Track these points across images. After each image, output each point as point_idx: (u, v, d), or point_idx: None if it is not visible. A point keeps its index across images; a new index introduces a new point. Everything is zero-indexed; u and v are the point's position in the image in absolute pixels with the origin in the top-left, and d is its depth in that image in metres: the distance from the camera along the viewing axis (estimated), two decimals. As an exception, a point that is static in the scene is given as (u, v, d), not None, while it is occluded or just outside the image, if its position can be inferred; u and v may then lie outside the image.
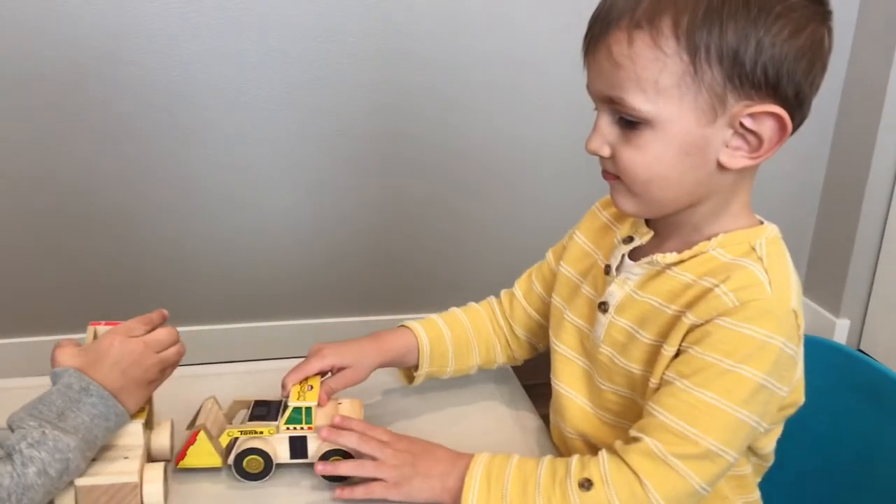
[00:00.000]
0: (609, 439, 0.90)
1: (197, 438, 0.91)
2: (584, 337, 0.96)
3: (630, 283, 0.89)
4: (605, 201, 1.02)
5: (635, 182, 0.82)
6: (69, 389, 0.82)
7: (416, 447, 0.91)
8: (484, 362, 1.12)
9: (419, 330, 1.07)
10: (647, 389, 0.85)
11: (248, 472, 0.92)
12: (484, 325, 1.12)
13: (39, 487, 0.75)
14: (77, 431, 0.79)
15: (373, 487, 0.88)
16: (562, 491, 0.81)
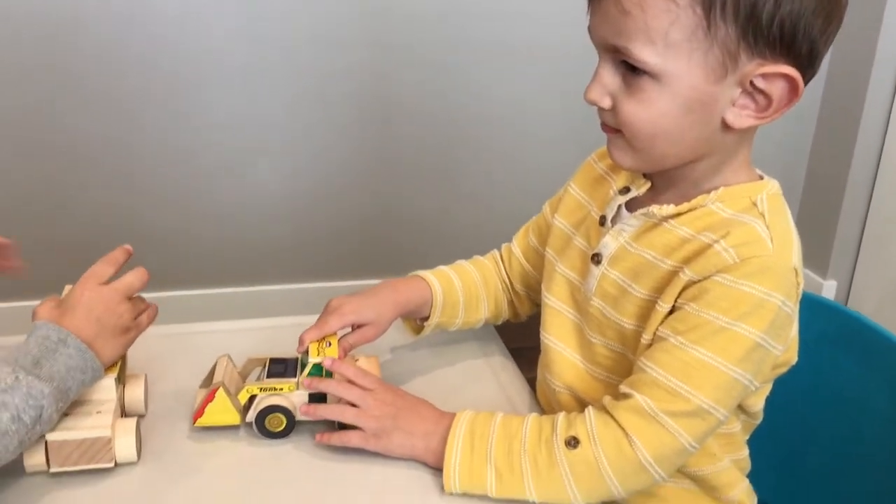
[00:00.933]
0: (598, 395, 0.89)
1: (216, 396, 0.89)
2: (575, 289, 0.94)
3: (625, 234, 0.87)
4: (601, 152, 0.99)
5: (636, 136, 0.79)
6: (46, 340, 0.79)
7: (401, 401, 0.89)
8: (492, 316, 1.09)
9: (433, 280, 1.04)
10: (638, 345, 0.84)
11: (270, 430, 0.91)
12: (492, 279, 1.10)
13: (14, 434, 0.73)
14: (52, 380, 0.77)
15: (350, 436, 0.87)
16: (548, 449, 0.80)
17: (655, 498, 0.90)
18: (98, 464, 0.83)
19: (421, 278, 1.05)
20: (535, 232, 1.07)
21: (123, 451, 0.84)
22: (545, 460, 0.80)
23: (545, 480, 0.80)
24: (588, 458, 0.79)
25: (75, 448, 0.82)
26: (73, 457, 0.82)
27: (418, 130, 2.32)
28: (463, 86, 2.28)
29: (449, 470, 0.82)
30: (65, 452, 0.82)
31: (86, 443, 0.82)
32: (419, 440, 0.86)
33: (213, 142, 2.22)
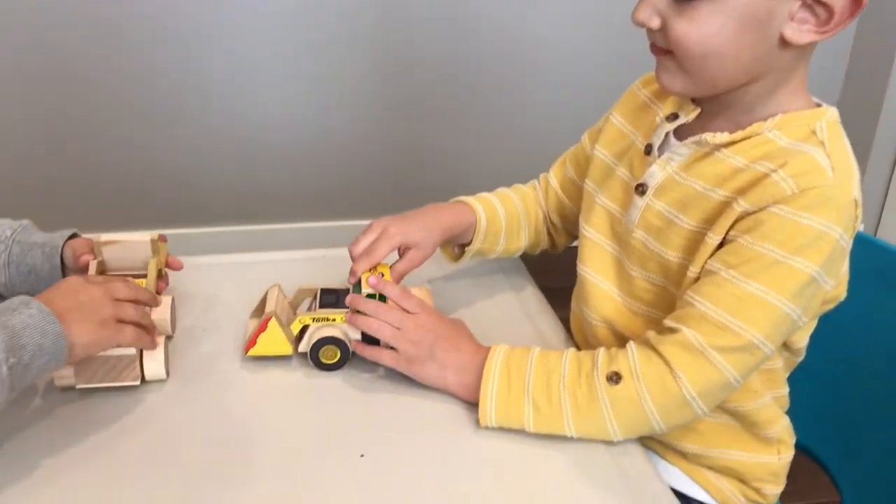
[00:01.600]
0: (636, 329, 0.87)
1: (268, 326, 0.88)
2: (615, 221, 0.91)
3: (673, 164, 0.83)
4: (645, 78, 0.95)
5: (688, 58, 0.75)
6: (10, 303, 0.73)
7: (441, 329, 0.87)
8: (531, 244, 1.07)
9: (477, 206, 1.02)
10: (683, 279, 0.81)
11: (324, 362, 0.90)
12: (533, 207, 1.07)
13: None
14: (3, 328, 0.69)
15: (383, 354, 0.86)
16: (588, 385, 0.79)
17: (694, 433, 0.88)
18: (124, 381, 0.83)
19: (465, 203, 1.02)
20: (572, 163, 1.04)
21: (152, 370, 0.85)
22: (585, 396, 0.78)
23: (585, 415, 0.78)
24: (630, 393, 0.77)
25: (101, 365, 0.82)
26: (99, 374, 0.82)
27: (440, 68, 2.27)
28: (488, 21, 2.22)
29: (485, 404, 0.80)
30: (91, 369, 0.82)
31: (111, 360, 0.82)
32: (451, 374, 0.85)
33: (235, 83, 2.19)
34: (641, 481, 0.77)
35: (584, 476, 0.77)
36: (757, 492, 0.90)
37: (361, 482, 0.76)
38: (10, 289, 0.93)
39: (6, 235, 0.94)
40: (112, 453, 0.78)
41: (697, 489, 0.91)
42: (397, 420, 0.84)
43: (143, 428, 0.82)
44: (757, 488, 0.90)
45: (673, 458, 0.91)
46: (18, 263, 0.93)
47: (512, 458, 0.79)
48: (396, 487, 0.75)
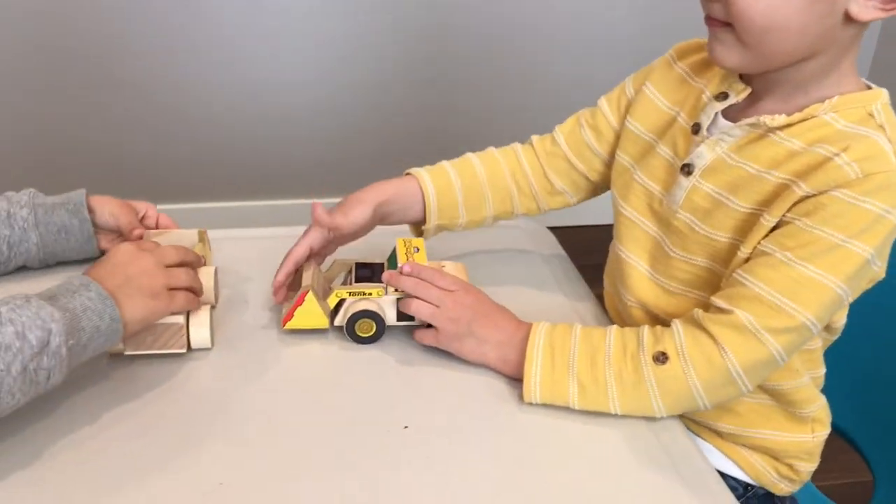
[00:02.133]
0: (672, 309, 0.88)
1: (305, 299, 0.88)
2: (655, 201, 0.90)
3: (724, 145, 0.83)
4: (680, 49, 0.93)
5: (750, 31, 0.74)
6: (69, 283, 0.75)
7: (479, 305, 0.88)
8: (499, 213, 1.03)
9: (425, 178, 0.99)
10: (733, 259, 0.81)
11: (360, 335, 0.90)
12: (500, 173, 1.02)
13: (17, 352, 0.67)
14: (65, 311, 0.71)
15: (424, 334, 0.87)
16: (634, 364, 0.79)
17: (731, 413, 0.89)
18: (171, 349, 0.85)
19: (413, 175, 0.99)
20: (590, 127, 1.00)
21: (197, 339, 0.86)
22: (631, 375, 0.79)
23: (630, 394, 0.79)
24: (677, 373, 0.78)
25: (149, 332, 0.83)
26: (147, 341, 0.83)
27: (465, 39, 2.26)
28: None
29: (529, 382, 0.81)
30: (140, 337, 0.83)
31: (160, 328, 0.83)
32: (492, 349, 0.85)
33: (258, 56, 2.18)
34: (684, 457, 0.78)
35: (628, 452, 0.78)
36: (790, 468, 0.91)
37: (406, 453, 0.76)
38: (43, 249, 0.94)
39: (24, 200, 0.94)
40: (158, 419, 0.80)
41: (731, 465, 0.92)
42: (438, 393, 0.85)
43: (188, 395, 0.83)
44: (790, 465, 0.91)
45: (707, 435, 0.92)
46: (46, 223, 0.94)
47: (554, 433, 0.80)
48: (440, 459, 0.76)
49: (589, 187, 1.04)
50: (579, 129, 1.01)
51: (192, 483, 0.72)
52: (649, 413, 0.80)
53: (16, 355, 0.67)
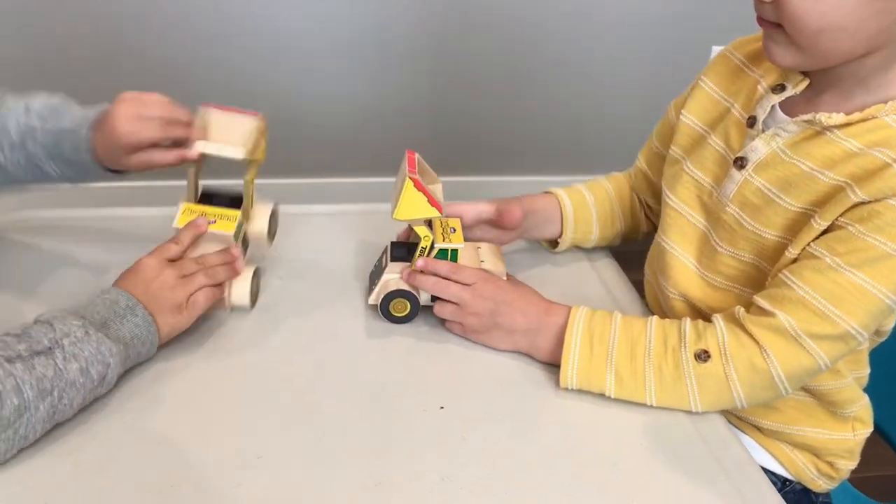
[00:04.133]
0: (714, 303, 0.87)
1: (433, 207, 0.85)
2: (705, 193, 0.89)
3: (779, 140, 0.81)
4: (738, 42, 0.92)
5: (803, 32, 0.72)
6: (115, 304, 0.78)
7: (501, 294, 0.87)
8: (630, 230, 1.06)
9: (562, 195, 1.02)
10: (780, 257, 0.80)
11: (394, 314, 0.91)
12: (626, 191, 1.06)
13: (80, 387, 0.71)
14: (118, 342, 0.75)
15: (452, 327, 0.88)
16: (674, 360, 0.78)
17: (774, 411, 0.89)
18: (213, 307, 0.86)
19: (552, 194, 1.02)
20: (658, 137, 1.01)
21: (238, 295, 0.87)
22: (671, 371, 0.78)
23: (668, 389, 0.79)
24: (718, 372, 0.77)
25: None
26: None
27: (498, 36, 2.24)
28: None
29: (567, 369, 0.81)
30: None
31: None
32: (521, 337, 0.85)
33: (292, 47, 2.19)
34: (722, 447, 0.77)
35: (664, 440, 0.78)
36: (831, 466, 0.91)
37: (441, 433, 0.77)
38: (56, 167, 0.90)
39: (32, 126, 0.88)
40: (195, 376, 0.82)
41: (770, 460, 0.91)
42: (472, 375, 0.85)
43: (226, 355, 0.85)
44: (831, 462, 0.91)
45: (748, 430, 0.91)
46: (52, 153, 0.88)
47: (590, 417, 0.80)
48: (475, 440, 0.76)
49: None
50: (651, 143, 1.03)
51: (232, 455, 0.73)
52: (685, 408, 0.79)
53: (79, 391, 0.71)
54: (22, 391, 0.66)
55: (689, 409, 0.79)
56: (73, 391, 0.70)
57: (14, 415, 0.66)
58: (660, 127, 1.02)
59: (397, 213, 0.85)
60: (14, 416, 0.66)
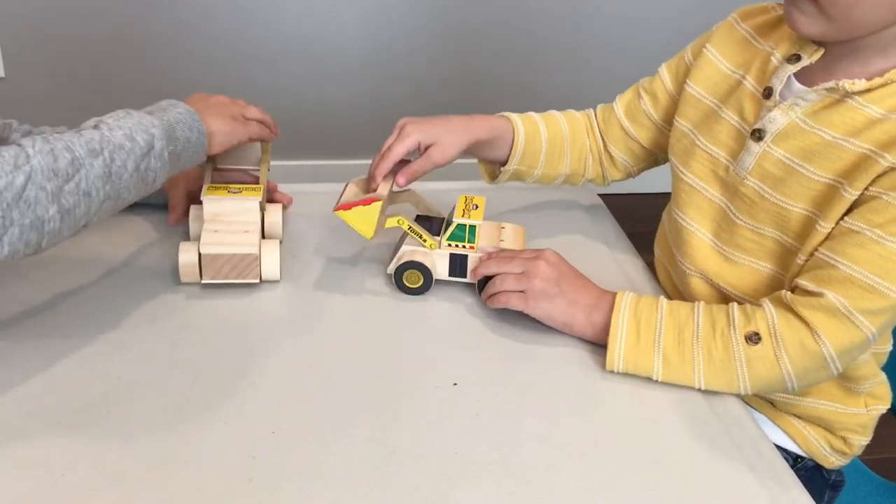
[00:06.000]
0: (733, 279, 0.86)
1: (371, 204, 0.88)
2: (720, 167, 0.88)
3: (798, 109, 0.80)
4: (743, 12, 0.91)
5: (837, 4, 0.71)
6: (158, 104, 0.82)
7: (565, 267, 0.87)
8: (572, 173, 1.04)
9: (517, 120, 0.99)
10: (807, 231, 0.79)
11: (407, 285, 0.91)
12: (580, 133, 1.04)
13: (129, 151, 0.74)
14: (161, 118, 0.78)
15: (511, 297, 0.86)
16: (724, 342, 0.78)
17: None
18: (245, 279, 0.88)
19: (505, 117, 0.99)
20: (648, 95, 0.99)
21: (269, 268, 0.89)
22: (721, 353, 0.78)
23: (718, 371, 0.78)
24: (768, 354, 0.77)
25: (226, 262, 0.86)
26: (224, 270, 0.86)
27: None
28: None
29: (613, 353, 0.80)
30: (217, 265, 0.86)
31: (236, 258, 0.86)
32: (580, 311, 0.84)
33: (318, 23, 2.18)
34: (736, 425, 0.77)
35: (678, 418, 0.77)
36: (843, 441, 0.90)
37: (455, 409, 0.77)
38: None
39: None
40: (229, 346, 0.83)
41: (783, 436, 0.91)
42: (486, 350, 0.85)
43: (256, 325, 0.87)
44: (844, 437, 0.90)
45: (759, 405, 0.91)
46: None
47: (601, 394, 0.80)
48: (487, 416, 0.76)
49: (647, 156, 1.03)
50: (637, 98, 1.01)
51: (247, 428, 0.73)
52: (734, 390, 0.79)
53: (129, 154, 0.74)
54: (73, 149, 0.70)
55: (738, 392, 0.79)
56: (123, 154, 0.74)
57: (70, 168, 0.69)
58: (649, 86, 1.00)
59: (366, 235, 0.89)
60: (70, 169, 0.69)
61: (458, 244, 0.91)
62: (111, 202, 0.74)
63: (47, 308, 0.87)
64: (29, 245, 0.68)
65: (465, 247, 0.91)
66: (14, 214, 0.66)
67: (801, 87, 0.81)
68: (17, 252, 0.67)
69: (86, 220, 0.72)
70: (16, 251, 0.67)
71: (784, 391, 0.80)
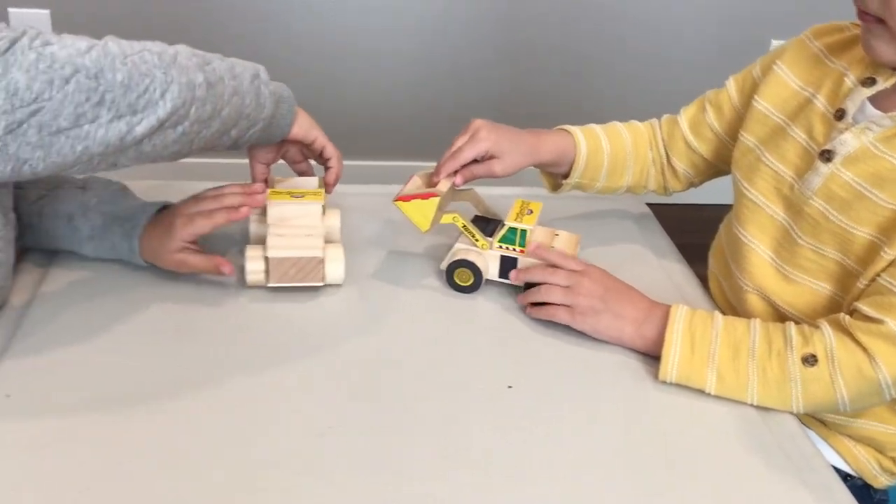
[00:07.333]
0: (790, 298, 0.87)
1: (430, 199, 0.90)
2: (785, 185, 0.88)
3: (870, 134, 0.80)
4: (816, 30, 0.91)
5: None
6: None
7: (610, 282, 0.88)
8: (635, 185, 1.06)
9: (580, 138, 1.01)
10: (871, 256, 0.79)
11: (458, 283, 0.93)
12: (643, 146, 1.05)
13: (241, 72, 0.80)
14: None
15: (558, 311, 0.87)
16: (780, 362, 0.79)
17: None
18: (310, 282, 0.90)
19: (568, 133, 1.01)
20: (714, 108, 1.00)
21: (333, 271, 0.90)
22: (776, 373, 0.79)
23: (772, 390, 0.79)
24: (824, 377, 0.77)
25: (292, 265, 0.88)
26: (290, 273, 0.88)
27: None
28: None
29: (667, 364, 0.81)
30: (283, 269, 0.88)
31: (302, 261, 0.88)
32: (629, 325, 0.85)
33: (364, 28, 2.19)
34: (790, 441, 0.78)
35: (732, 431, 0.78)
36: (893, 461, 0.91)
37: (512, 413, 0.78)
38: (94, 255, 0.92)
39: (90, 205, 0.91)
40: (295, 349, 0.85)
41: (833, 455, 0.91)
42: (537, 354, 0.86)
43: (316, 325, 0.88)
44: (893, 458, 0.91)
45: (810, 423, 0.92)
46: (101, 238, 0.90)
47: (657, 407, 0.81)
48: (543, 420, 0.77)
49: (709, 168, 1.04)
50: (701, 111, 1.02)
51: (302, 424, 0.75)
52: (786, 408, 0.80)
53: (244, 68, 0.81)
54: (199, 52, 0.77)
55: (790, 411, 0.80)
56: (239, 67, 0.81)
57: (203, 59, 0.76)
58: (715, 99, 1.00)
59: (421, 228, 0.90)
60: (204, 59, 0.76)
61: (508, 247, 0.93)
62: (238, 100, 0.79)
63: (119, 305, 0.88)
64: (185, 104, 0.72)
65: (516, 250, 0.93)
66: (173, 72, 0.71)
67: (874, 111, 0.81)
68: (176, 110, 0.71)
69: (221, 106, 0.76)
70: (177, 108, 0.71)
71: (835, 412, 0.80)
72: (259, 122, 0.84)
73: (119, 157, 0.71)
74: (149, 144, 0.71)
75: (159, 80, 0.70)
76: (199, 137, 0.76)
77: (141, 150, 0.71)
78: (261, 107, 0.83)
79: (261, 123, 0.84)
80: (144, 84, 0.69)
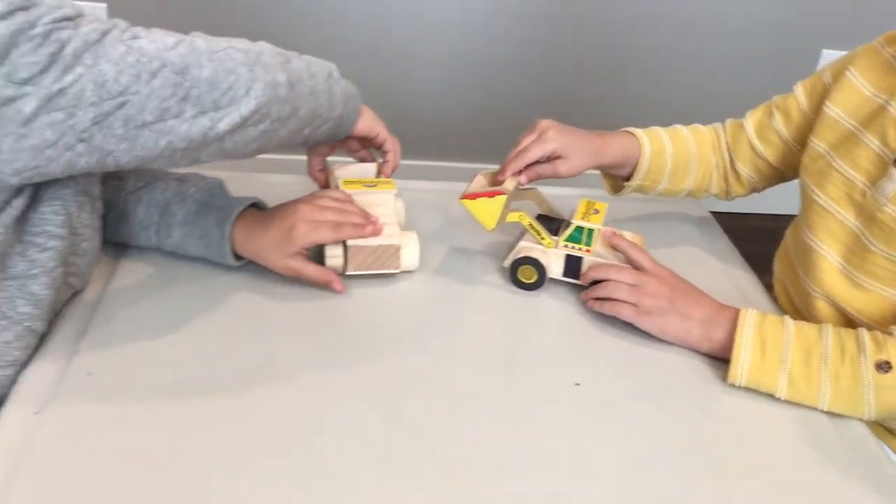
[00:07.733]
0: (860, 305, 0.87)
1: (496, 197, 0.90)
2: (857, 192, 0.88)
3: None
4: (890, 36, 0.91)
5: None
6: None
7: (677, 282, 0.89)
8: (697, 188, 1.06)
9: (644, 141, 1.01)
10: None
11: (521, 280, 0.94)
12: (707, 150, 1.05)
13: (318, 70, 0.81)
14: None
15: (623, 308, 0.87)
16: (853, 368, 0.78)
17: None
18: (387, 269, 0.91)
19: (632, 135, 1.02)
20: (781, 113, 1.00)
21: (408, 258, 0.92)
22: (849, 379, 0.78)
23: (844, 396, 0.79)
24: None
25: (370, 254, 0.90)
26: (368, 261, 0.90)
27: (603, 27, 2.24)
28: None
29: (736, 368, 0.81)
30: (361, 257, 0.90)
31: (379, 249, 0.90)
32: (695, 326, 0.85)
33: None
34: (861, 447, 0.78)
35: (802, 436, 0.78)
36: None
37: (580, 410, 0.79)
38: (181, 248, 0.93)
39: (188, 193, 0.92)
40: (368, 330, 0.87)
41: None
42: (602, 352, 0.87)
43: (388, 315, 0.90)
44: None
45: (881, 433, 0.91)
46: (193, 224, 0.91)
47: (728, 409, 0.81)
48: (611, 418, 0.78)
49: (774, 174, 1.04)
50: (768, 116, 1.02)
51: (368, 412, 0.76)
52: (858, 415, 0.80)
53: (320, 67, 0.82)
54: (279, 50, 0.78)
55: (862, 417, 0.80)
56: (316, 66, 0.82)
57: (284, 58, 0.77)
58: (783, 104, 1.00)
59: (487, 227, 0.91)
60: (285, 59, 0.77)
61: (574, 245, 0.93)
62: (314, 100, 0.79)
63: (194, 288, 0.90)
64: (267, 103, 0.73)
65: (582, 249, 0.93)
66: (258, 70, 0.72)
67: None
68: (259, 108, 0.72)
69: (299, 105, 0.77)
70: (260, 106, 0.72)
71: None
72: (330, 120, 0.85)
73: (201, 152, 0.72)
74: (230, 141, 0.72)
75: (244, 77, 0.70)
76: (276, 136, 0.77)
77: (222, 147, 0.72)
78: (333, 107, 0.84)
79: (331, 122, 0.85)
80: (229, 81, 0.70)
